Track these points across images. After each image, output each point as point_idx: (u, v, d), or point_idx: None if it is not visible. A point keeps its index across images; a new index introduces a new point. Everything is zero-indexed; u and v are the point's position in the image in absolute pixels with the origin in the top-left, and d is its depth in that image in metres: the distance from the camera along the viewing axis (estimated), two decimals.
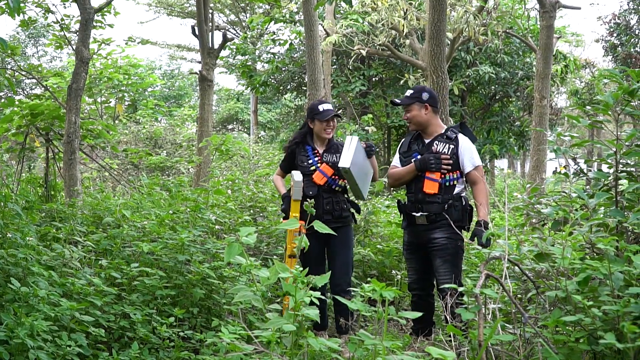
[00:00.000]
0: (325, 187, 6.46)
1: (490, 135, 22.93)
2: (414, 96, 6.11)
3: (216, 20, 23.82)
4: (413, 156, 6.09)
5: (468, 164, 5.94)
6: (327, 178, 6.46)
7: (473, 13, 14.87)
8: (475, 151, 6.05)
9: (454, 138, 6.00)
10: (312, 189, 6.41)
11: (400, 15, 15.24)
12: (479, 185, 5.93)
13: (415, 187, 6.02)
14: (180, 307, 5.65)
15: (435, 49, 9.52)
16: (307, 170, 6.49)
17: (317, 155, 6.58)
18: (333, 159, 6.49)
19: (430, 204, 5.93)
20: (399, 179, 6.19)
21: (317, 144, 6.66)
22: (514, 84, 22.22)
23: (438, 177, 5.89)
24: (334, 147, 6.60)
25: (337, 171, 6.40)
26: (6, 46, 5.61)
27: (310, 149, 6.63)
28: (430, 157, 5.90)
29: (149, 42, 13.58)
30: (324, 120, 6.51)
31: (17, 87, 33.85)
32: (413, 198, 6.05)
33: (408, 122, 6.18)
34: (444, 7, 9.51)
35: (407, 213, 6.14)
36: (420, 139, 6.18)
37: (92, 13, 9.59)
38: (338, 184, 6.48)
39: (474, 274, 6.44)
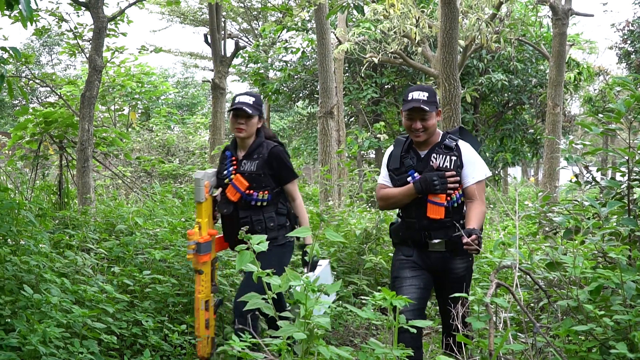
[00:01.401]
0: (241, 204, 5.29)
1: (503, 143, 22.88)
2: (433, 100, 4.85)
3: (229, 29, 23.94)
4: (409, 174, 4.91)
5: (469, 177, 4.87)
6: (241, 193, 5.26)
7: (485, 21, 14.86)
8: (481, 162, 4.95)
9: (454, 147, 4.90)
10: (226, 206, 5.34)
11: (412, 23, 15.23)
12: (476, 202, 4.83)
13: (417, 213, 4.89)
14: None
15: (448, 56, 9.51)
16: (222, 183, 5.42)
17: (233, 163, 5.43)
18: (251, 168, 5.31)
19: (439, 229, 4.84)
20: (394, 203, 5.07)
21: (239, 148, 5.48)
22: (527, 92, 22.17)
23: (443, 199, 4.78)
24: (256, 152, 5.36)
25: (255, 183, 5.27)
26: (19, 55, 5.65)
27: (230, 155, 5.50)
28: (433, 177, 4.76)
29: (162, 50, 13.61)
30: (234, 115, 5.34)
31: (31, 95, 34.03)
32: (416, 225, 4.91)
33: (421, 132, 4.85)
34: (456, 15, 9.51)
35: (411, 238, 4.99)
36: (413, 151, 5.00)
37: (106, 22, 9.63)
38: (257, 197, 5.27)
39: (484, 282, 6.42)
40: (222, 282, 5.89)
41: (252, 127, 5.35)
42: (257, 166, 5.29)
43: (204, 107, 43.13)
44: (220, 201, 5.38)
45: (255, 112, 5.31)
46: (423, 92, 4.88)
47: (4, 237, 5.83)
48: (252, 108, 5.30)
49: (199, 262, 5.11)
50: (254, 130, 5.38)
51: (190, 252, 5.08)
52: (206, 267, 5.18)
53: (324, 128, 12.89)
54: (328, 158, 12.76)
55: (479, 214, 4.77)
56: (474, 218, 4.71)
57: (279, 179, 5.37)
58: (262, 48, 25.72)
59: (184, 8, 32.97)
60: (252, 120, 5.32)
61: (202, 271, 5.14)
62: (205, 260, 5.14)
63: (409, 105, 4.82)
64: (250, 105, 5.30)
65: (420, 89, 4.91)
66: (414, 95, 4.86)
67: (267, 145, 5.38)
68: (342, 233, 8.09)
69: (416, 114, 4.80)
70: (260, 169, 5.29)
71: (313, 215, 9.17)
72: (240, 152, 5.43)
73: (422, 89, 4.91)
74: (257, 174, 5.28)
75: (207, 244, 5.17)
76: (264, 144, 5.39)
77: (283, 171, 5.39)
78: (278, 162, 5.35)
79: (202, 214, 5.21)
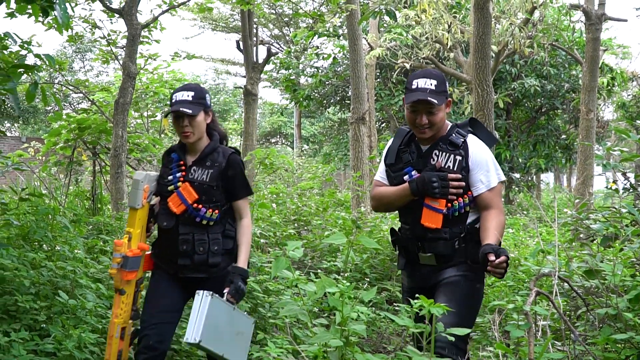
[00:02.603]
0: (184, 218, 4.39)
1: (536, 149, 22.73)
2: (442, 90, 4.09)
3: (260, 35, 24.02)
4: (406, 172, 4.21)
5: (480, 183, 4.08)
6: (187, 206, 4.37)
7: (518, 25, 14.77)
8: (493, 164, 4.16)
9: (460, 145, 4.12)
10: (166, 218, 4.43)
11: (444, 28, 15.17)
12: (492, 212, 4.05)
13: (412, 218, 4.19)
14: None
15: (480, 62, 9.46)
16: (164, 191, 4.49)
17: (181, 168, 4.50)
18: (203, 177, 4.44)
19: (433, 241, 4.11)
20: (387, 204, 4.40)
21: (188, 151, 4.57)
22: (560, 97, 22.02)
23: (443, 205, 4.03)
24: (210, 158, 4.49)
25: (205, 196, 4.40)
26: (54, 62, 5.70)
27: (177, 159, 4.56)
28: (432, 178, 4.01)
29: (194, 56, 13.70)
30: (174, 118, 4.46)
31: (64, 102, 34.31)
32: (409, 232, 4.25)
33: (426, 129, 4.11)
34: (489, 20, 9.46)
35: (404, 248, 4.36)
36: (414, 144, 4.26)
37: (139, 29, 9.69)
38: (204, 215, 4.38)
39: (522, 290, 6.36)
40: (255, 289, 5.87)
41: (200, 127, 4.45)
42: (210, 176, 4.44)
43: (236, 114, 43.32)
44: (160, 212, 4.50)
45: (197, 110, 4.40)
46: (430, 80, 4.07)
47: (39, 243, 5.88)
48: (192, 106, 4.39)
49: (123, 279, 4.25)
50: (203, 130, 4.50)
51: (114, 267, 4.22)
52: (130, 286, 4.31)
53: (355, 134, 12.87)
54: (360, 164, 12.74)
55: (498, 225, 3.99)
56: (492, 231, 3.93)
57: (231, 194, 4.51)
58: (294, 54, 25.76)
59: (216, 15, 33.17)
60: (196, 120, 4.41)
61: (124, 291, 4.27)
62: (130, 278, 4.27)
63: (413, 97, 4.04)
64: (189, 103, 4.40)
65: (426, 75, 4.09)
66: (419, 83, 4.07)
67: (224, 152, 4.51)
68: (374, 239, 8.07)
69: (421, 107, 4.04)
70: (214, 180, 4.43)
71: (346, 222, 9.17)
72: (189, 156, 4.55)
73: (429, 75, 4.10)
74: (210, 185, 4.42)
75: (136, 259, 4.29)
76: (220, 150, 4.52)
77: (238, 185, 4.53)
78: (235, 173, 4.50)
79: (136, 222, 4.35)
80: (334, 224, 9.52)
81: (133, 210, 4.37)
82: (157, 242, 4.58)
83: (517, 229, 13.32)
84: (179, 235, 4.39)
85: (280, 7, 29.10)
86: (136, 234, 4.34)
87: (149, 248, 4.47)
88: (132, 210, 4.38)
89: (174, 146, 4.65)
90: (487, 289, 6.89)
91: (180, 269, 4.42)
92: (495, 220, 4.01)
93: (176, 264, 4.41)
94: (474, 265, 4.05)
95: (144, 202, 4.39)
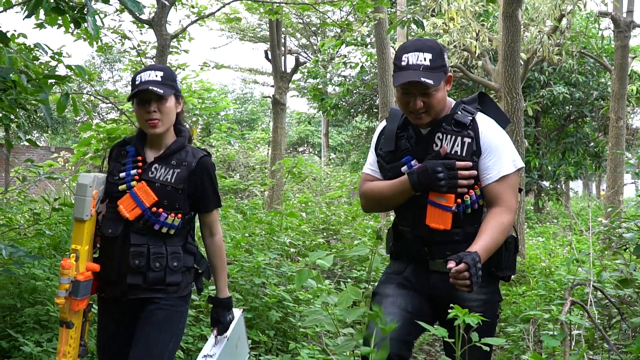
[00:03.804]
0: (138, 226, 3.52)
1: (565, 157, 22.60)
2: (439, 65, 3.28)
3: (288, 45, 24.07)
4: (405, 161, 3.43)
5: (490, 170, 3.30)
6: (143, 210, 3.51)
7: (547, 33, 14.71)
8: (510, 147, 3.38)
9: (469, 124, 3.34)
10: (113, 225, 3.53)
11: (472, 36, 15.13)
12: (497, 210, 3.28)
13: (414, 217, 3.43)
14: (257, 329, 5.67)
15: (510, 70, 9.42)
16: (113, 191, 3.59)
17: (138, 164, 3.62)
18: (167, 177, 3.58)
19: (444, 244, 3.36)
20: (381, 202, 3.58)
21: (149, 145, 3.70)
22: (588, 105, 21.89)
23: (452, 202, 3.27)
24: (176, 157, 3.65)
25: (167, 199, 3.55)
26: (84, 73, 5.75)
27: (133, 153, 3.68)
28: (437, 168, 3.25)
29: (223, 66, 13.75)
30: (139, 102, 3.59)
31: (93, 112, 34.57)
32: (410, 233, 3.49)
33: (422, 113, 3.33)
34: (518, 28, 9.43)
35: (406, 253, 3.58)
36: (411, 127, 3.49)
37: (169, 39, 9.74)
38: (165, 221, 3.53)
39: (553, 299, 6.32)
40: (285, 298, 5.88)
41: (169, 114, 3.61)
42: (176, 177, 3.59)
43: (263, 123, 43.43)
44: (106, 217, 3.59)
45: (168, 92, 3.57)
46: (423, 54, 3.25)
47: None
48: (163, 87, 3.54)
49: (72, 309, 3.38)
50: (172, 119, 3.65)
51: (61, 295, 3.32)
52: (78, 317, 3.45)
53: None
54: None
55: (497, 227, 3.20)
56: (485, 234, 3.18)
57: (200, 204, 3.72)
58: (321, 63, 25.80)
59: (244, 25, 33.27)
60: (166, 105, 3.57)
61: (72, 324, 3.40)
62: (81, 307, 3.42)
63: (402, 78, 3.26)
64: (159, 84, 3.54)
65: (418, 48, 3.28)
66: (410, 59, 3.27)
67: (194, 152, 3.69)
68: None
69: (414, 89, 3.27)
70: (180, 181, 3.59)
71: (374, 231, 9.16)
72: (150, 152, 3.68)
73: (422, 47, 3.28)
74: (174, 188, 3.58)
75: (88, 283, 3.42)
76: (188, 149, 3.70)
77: (210, 193, 3.74)
78: (207, 179, 3.70)
79: (84, 237, 3.43)
80: (363, 233, 9.52)
81: (79, 222, 3.44)
82: (100, 256, 3.61)
83: (547, 238, 13.25)
84: (130, 246, 3.49)
85: (308, 16, 29.14)
86: (84, 252, 3.41)
87: (99, 268, 3.49)
88: (78, 223, 3.45)
89: (129, 138, 3.80)
90: (519, 298, 6.86)
91: (128, 289, 3.52)
92: (495, 220, 3.22)
93: (123, 283, 3.51)
94: (498, 272, 3.42)
95: (93, 211, 3.46)
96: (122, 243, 3.51)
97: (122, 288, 3.52)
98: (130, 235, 3.51)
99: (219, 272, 3.79)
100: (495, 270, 3.41)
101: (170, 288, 3.56)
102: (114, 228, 3.52)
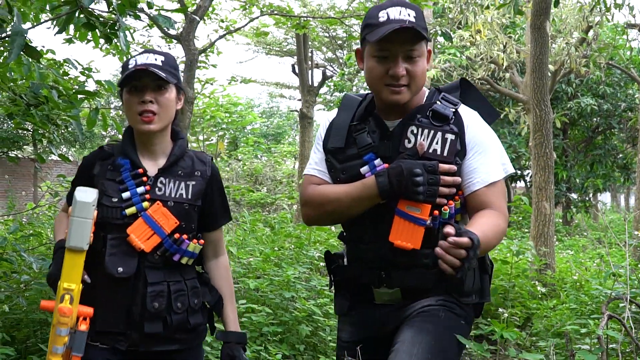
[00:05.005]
0: (154, 259, 2.79)
1: (593, 169, 22.46)
2: (423, 27, 2.58)
3: (315, 58, 24.10)
4: (365, 160, 2.67)
5: (477, 174, 2.62)
6: (163, 237, 2.78)
7: (574, 45, 14.66)
8: (498, 147, 2.71)
9: (451, 117, 2.62)
10: (123, 262, 2.75)
11: (499, 48, 15.11)
12: (488, 211, 2.57)
13: (373, 232, 2.67)
14: (287, 344, 5.67)
15: (538, 82, 9.39)
16: (115, 217, 2.78)
17: (141, 180, 2.83)
18: (181, 192, 2.86)
19: (406, 270, 2.63)
20: (334, 211, 2.73)
21: (144, 153, 2.91)
22: (616, 116, 21.75)
23: (426, 214, 2.53)
24: (183, 165, 2.92)
25: (184, 221, 2.84)
26: (114, 89, 5.80)
27: (129, 166, 2.85)
28: (415, 170, 2.50)
29: (251, 81, 13.82)
30: (131, 90, 2.80)
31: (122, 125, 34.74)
32: (368, 254, 2.70)
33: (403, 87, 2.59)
34: (546, 40, 9.40)
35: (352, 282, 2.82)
36: (372, 119, 2.73)
37: (197, 54, 9.81)
38: (187, 250, 2.83)
39: (584, 313, 6.26)
40: (315, 312, 5.88)
41: (169, 109, 2.85)
42: (192, 191, 2.89)
43: (289, 136, 43.53)
44: (109, 252, 2.76)
45: (171, 79, 2.81)
46: (406, 9, 2.57)
47: None
48: (164, 71, 2.78)
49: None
50: (171, 116, 2.89)
51: (58, 352, 2.47)
52: None
53: None
54: None
55: (493, 227, 2.51)
56: (479, 224, 2.47)
57: (210, 219, 3.01)
58: (347, 77, 25.84)
59: (270, 39, 33.43)
60: (166, 96, 2.82)
61: None
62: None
63: (386, 29, 2.50)
64: (160, 68, 2.78)
65: (399, 4, 2.58)
66: (392, 13, 2.56)
67: (200, 157, 3.00)
68: None
69: (397, 47, 2.54)
70: (197, 197, 2.91)
71: None
72: (147, 161, 2.90)
73: (402, 3, 2.59)
74: (192, 205, 2.89)
75: (85, 334, 2.56)
76: (192, 154, 2.99)
77: (220, 206, 3.06)
78: (218, 190, 3.05)
79: (78, 273, 2.55)
80: None
81: (77, 253, 2.54)
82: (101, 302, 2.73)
83: (577, 250, 13.15)
84: (147, 286, 2.76)
85: (334, 29, 29.23)
86: (78, 292, 2.55)
87: (92, 311, 2.59)
88: (73, 255, 2.54)
89: (110, 147, 2.97)
90: (550, 312, 6.80)
91: (145, 340, 2.78)
92: (490, 219, 2.54)
93: (139, 333, 2.77)
94: (461, 299, 2.68)
95: (91, 238, 2.58)
96: (133, 283, 2.76)
97: (134, 340, 2.78)
98: (144, 271, 2.77)
99: (228, 301, 3.07)
100: (458, 296, 2.67)
101: (190, 336, 2.89)
102: (125, 265, 2.75)
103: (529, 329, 6.08)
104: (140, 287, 2.75)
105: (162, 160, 2.89)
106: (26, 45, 3.43)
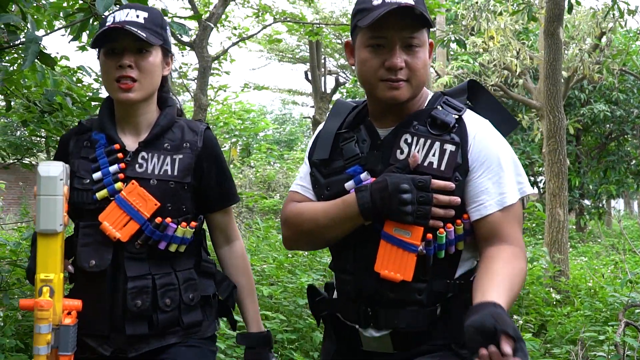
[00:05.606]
0: (134, 249, 2.38)
1: (606, 175, 22.38)
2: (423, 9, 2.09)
3: (327, 65, 24.15)
4: (350, 174, 2.23)
5: (485, 195, 2.11)
6: (141, 223, 2.35)
7: (587, 51, 14.62)
8: (514, 162, 2.18)
9: (454, 124, 2.15)
10: (95, 254, 2.36)
11: (512, 55, 15.09)
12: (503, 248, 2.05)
13: (357, 261, 2.21)
14: (301, 351, 5.65)
15: (552, 88, 9.36)
16: (85, 202, 2.40)
17: (116, 156, 2.42)
18: (165, 168, 2.43)
19: (396, 307, 2.15)
20: (312, 232, 2.27)
21: (121, 127, 2.50)
22: (629, 122, 21.67)
23: (418, 239, 2.07)
24: (170, 137, 2.48)
25: (170, 202, 2.40)
26: None
27: (104, 142, 2.45)
28: (402, 186, 2.03)
29: (264, 87, 13.83)
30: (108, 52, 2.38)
31: None
32: (351, 286, 2.24)
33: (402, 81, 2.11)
34: (560, 47, 9.37)
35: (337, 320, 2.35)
36: (364, 126, 2.28)
37: (210, 61, 9.83)
38: (174, 235, 2.39)
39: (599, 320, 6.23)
40: None
41: (152, 75, 2.43)
42: (179, 166, 2.45)
43: (302, 143, 43.53)
44: (81, 243, 2.39)
45: (154, 39, 2.39)
46: None
47: None
48: (146, 31, 2.36)
49: None
50: (156, 84, 2.48)
51: (41, 353, 2.11)
52: None
53: None
54: None
55: (516, 275, 2.00)
56: (496, 282, 1.93)
57: (205, 199, 2.56)
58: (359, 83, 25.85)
59: (283, 46, 33.46)
60: (149, 60, 2.40)
61: None
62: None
63: (381, 11, 2.04)
64: (141, 27, 2.36)
65: None
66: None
67: (191, 126, 2.54)
68: None
69: (394, 34, 2.09)
70: (185, 172, 2.47)
71: None
72: (127, 136, 2.50)
73: None
74: (179, 183, 2.45)
75: (73, 329, 2.21)
76: (183, 123, 2.55)
77: (221, 183, 2.60)
78: (216, 162, 2.57)
79: (58, 260, 2.21)
80: None
81: (49, 237, 2.19)
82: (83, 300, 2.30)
83: (590, 257, 13.10)
84: (127, 281, 2.36)
85: (347, 36, 29.25)
86: (59, 283, 2.19)
87: (81, 304, 2.26)
88: (46, 238, 2.19)
89: (89, 121, 2.59)
90: (564, 318, 6.77)
91: (131, 343, 2.39)
92: (511, 265, 2.01)
93: (121, 334, 2.38)
94: (462, 352, 2.08)
95: (66, 218, 2.25)
96: (112, 278, 2.37)
97: (118, 343, 2.39)
98: (124, 264, 2.37)
99: (246, 295, 2.65)
100: (456, 347, 2.11)
101: (189, 331, 2.47)
102: (98, 258, 2.35)
103: (544, 335, 6.04)
104: (119, 282, 2.36)
105: (146, 133, 2.48)
106: (40, 52, 3.44)
